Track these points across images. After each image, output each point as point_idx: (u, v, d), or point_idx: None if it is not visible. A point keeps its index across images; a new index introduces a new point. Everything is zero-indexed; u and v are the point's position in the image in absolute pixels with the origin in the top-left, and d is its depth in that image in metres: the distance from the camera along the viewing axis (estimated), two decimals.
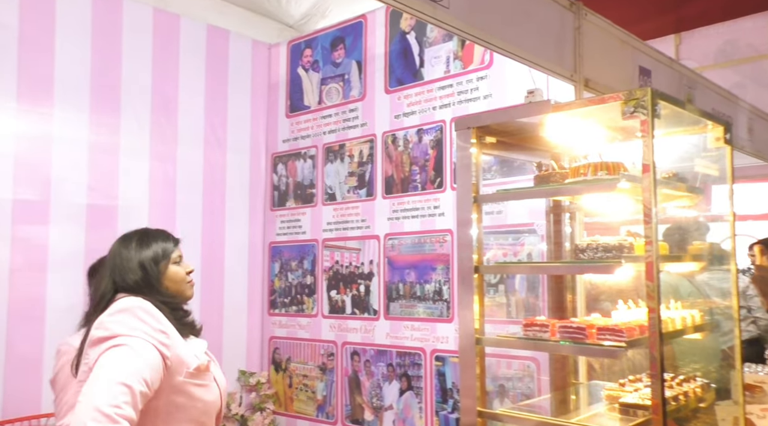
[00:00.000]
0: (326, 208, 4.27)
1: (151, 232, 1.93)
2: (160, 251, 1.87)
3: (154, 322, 1.68)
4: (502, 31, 2.55)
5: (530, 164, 2.68)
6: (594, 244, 2.11)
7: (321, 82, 4.36)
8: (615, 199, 2.30)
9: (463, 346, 2.34)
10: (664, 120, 2.42)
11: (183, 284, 1.90)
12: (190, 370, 1.71)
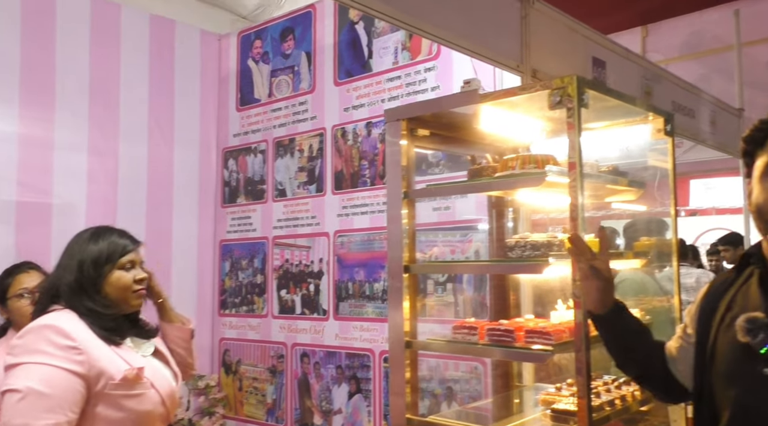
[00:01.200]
0: (277, 205, 4.13)
1: (105, 231, 1.83)
2: (105, 253, 1.77)
3: (63, 340, 1.61)
4: (444, 20, 2.44)
5: (468, 157, 2.57)
6: (522, 241, 2.00)
7: (271, 74, 4.21)
8: (551, 194, 2.19)
9: (392, 350, 2.22)
10: (607, 111, 2.32)
11: (127, 293, 1.79)
12: (115, 382, 1.64)
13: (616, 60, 3.74)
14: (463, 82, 2.46)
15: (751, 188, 1.19)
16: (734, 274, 1.30)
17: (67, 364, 1.59)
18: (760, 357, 1.12)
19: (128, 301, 1.80)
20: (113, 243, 1.80)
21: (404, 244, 2.21)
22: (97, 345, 1.66)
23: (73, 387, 1.59)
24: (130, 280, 1.79)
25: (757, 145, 1.19)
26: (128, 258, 1.80)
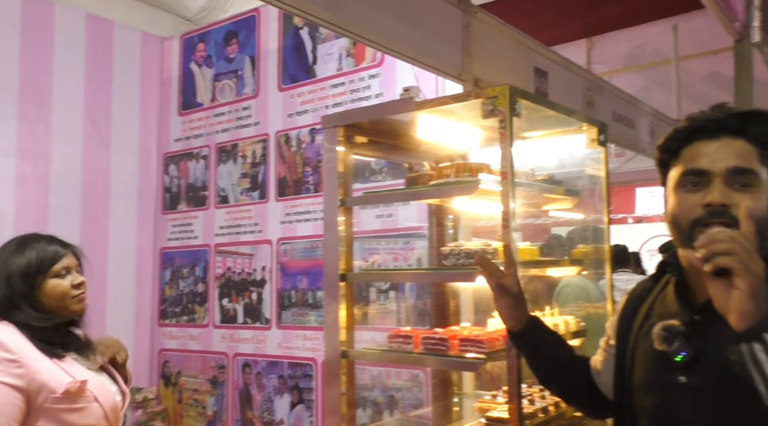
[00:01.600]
0: (219, 212, 4.04)
1: (31, 239, 1.74)
2: (35, 263, 1.68)
3: (2, 352, 1.58)
4: (386, 28, 2.42)
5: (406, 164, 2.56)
6: (456, 249, 2.00)
7: (214, 78, 4.13)
8: (487, 202, 2.20)
9: (328, 360, 2.18)
10: (544, 120, 2.35)
11: (65, 300, 1.71)
12: (56, 395, 1.60)
13: (558, 70, 3.80)
14: (402, 90, 2.45)
15: (666, 198, 1.19)
16: (652, 282, 1.29)
17: (5, 378, 1.55)
18: (675, 365, 1.11)
19: (68, 307, 1.72)
20: (42, 251, 1.71)
21: (341, 252, 2.18)
22: (37, 358, 1.61)
23: (11, 401, 1.56)
24: (68, 287, 1.71)
25: (671, 155, 1.18)
26: (62, 264, 1.72)
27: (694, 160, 1.12)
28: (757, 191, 1.08)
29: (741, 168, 1.08)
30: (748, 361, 0.92)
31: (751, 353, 0.92)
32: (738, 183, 1.08)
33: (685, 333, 1.11)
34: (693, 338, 1.10)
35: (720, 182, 1.08)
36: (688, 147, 1.14)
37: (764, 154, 1.11)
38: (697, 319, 1.11)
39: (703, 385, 1.08)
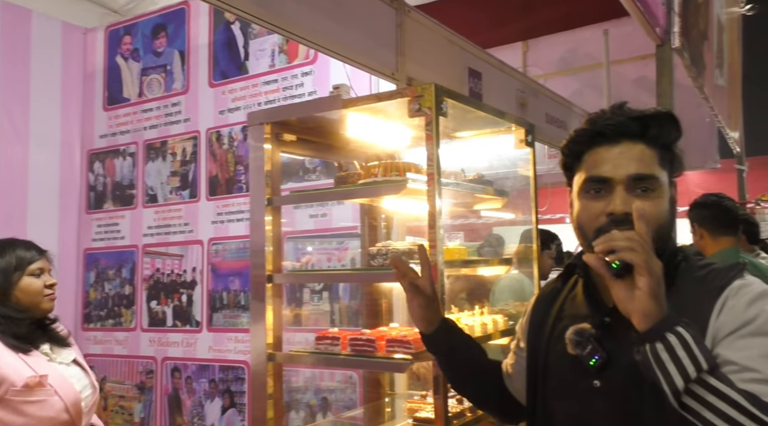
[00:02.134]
0: (147, 211, 3.89)
1: (10, 243, 1.96)
2: (14, 261, 1.89)
3: None
4: (317, 25, 2.37)
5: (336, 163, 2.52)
6: (384, 249, 1.98)
7: (142, 72, 3.97)
8: (415, 201, 2.18)
9: (254, 364, 2.12)
10: (476, 120, 2.36)
11: (38, 297, 1.91)
12: (16, 388, 1.74)
13: (492, 72, 3.84)
14: (332, 88, 2.42)
15: (571, 202, 1.19)
16: (560, 283, 1.28)
17: None
18: (590, 369, 1.10)
19: (39, 305, 1.91)
20: (21, 252, 1.93)
21: (268, 253, 2.13)
22: (1, 352, 1.77)
23: None
24: (41, 286, 1.92)
25: (574, 159, 1.17)
26: (37, 265, 1.93)
27: (596, 167, 1.12)
28: (658, 196, 1.09)
29: (641, 174, 1.09)
30: (652, 361, 0.93)
31: (654, 353, 0.93)
32: (639, 189, 1.09)
33: (597, 336, 1.10)
34: (604, 341, 1.09)
35: (621, 189, 1.08)
36: (590, 152, 1.14)
37: (664, 157, 1.12)
38: (607, 322, 1.11)
39: (617, 389, 1.07)
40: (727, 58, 5.32)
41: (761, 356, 0.95)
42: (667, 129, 1.12)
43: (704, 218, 2.80)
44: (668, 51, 2.73)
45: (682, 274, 1.10)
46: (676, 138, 1.14)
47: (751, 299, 1.00)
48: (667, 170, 1.12)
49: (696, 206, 2.86)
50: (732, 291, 1.02)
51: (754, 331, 0.97)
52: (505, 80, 4.06)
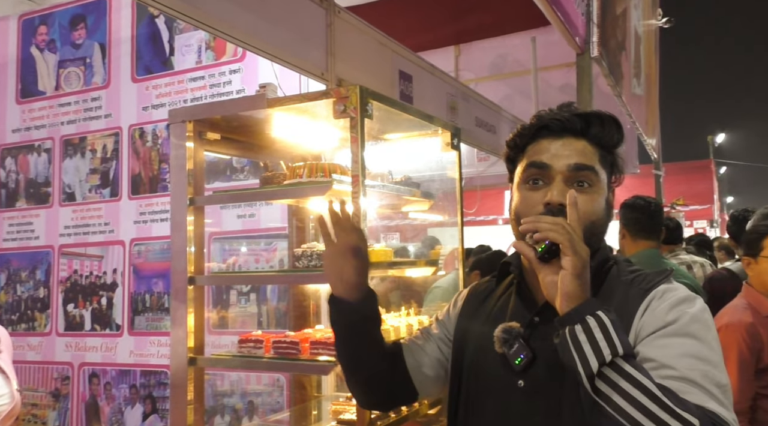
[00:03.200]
0: (64, 210, 3.71)
1: None
2: None
3: None
4: (246, 23, 2.32)
5: (261, 163, 2.48)
6: (309, 251, 1.96)
7: (58, 64, 3.79)
8: None
9: (174, 368, 2.06)
10: (404, 123, 2.37)
11: None
12: None
13: (423, 75, 3.88)
14: (259, 87, 2.38)
15: (512, 195, 1.20)
16: (494, 282, 1.27)
17: None
18: (515, 368, 1.09)
19: None
20: None
21: (189, 254, 2.07)
22: None
23: None
24: None
25: (518, 151, 1.18)
26: None
27: (537, 154, 1.13)
28: (595, 191, 1.11)
29: (582, 164, 1.10)
30: (570, 342, 0.92)
31: (572, 334, 0.92)
32: (577, 182, 1.10)
33: (524, 335, 1.10)
34: (531, 340, 1.09)
35: (560, 180, 1.10)
36: (533, 144, 1.16)
37: (604, 156, 1.14)
38: (536, 322, 1.10)
39: (538, 388, 1.07)
40: (644, 68, 5.59)
41: (679, 355, 0.96)
42: (609, 130, 1.15)
43: (629, 219, 2.90)
44: (588, 60, 2.84)
45: (612, 278, 1.11)
46: (618, 141, 1.16)
47: (674, 303, 1.03)
48: (607, 171, 1.15)
49: (623, 207, 2.96)
50: (657, 293, 1.05)
51: (674, 331, 0.99)
52: (435, 84, 4.11)
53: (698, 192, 10.84)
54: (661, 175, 6.91)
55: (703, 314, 1.03)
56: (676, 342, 0.98)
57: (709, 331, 1.01)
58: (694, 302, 1.04)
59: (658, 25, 6.17)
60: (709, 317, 1.04)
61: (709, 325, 1.02)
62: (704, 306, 1.05)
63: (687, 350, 0.97)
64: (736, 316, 2.22)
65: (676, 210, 5.79)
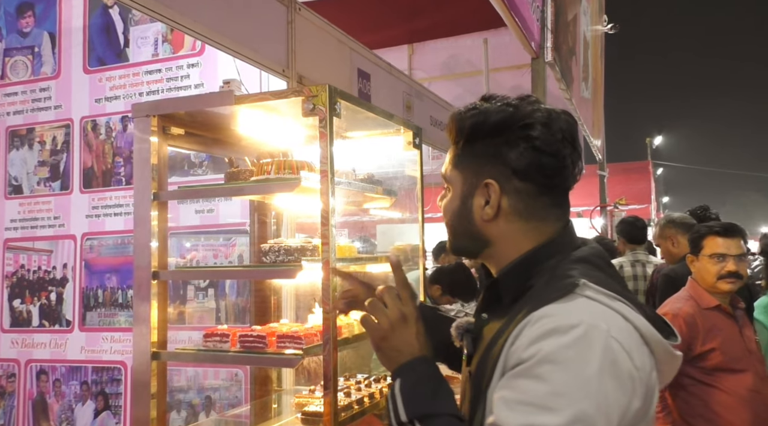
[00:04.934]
0: (10, 203, 3.60)
1: None
2: None
3: None
4: (205, 16, 2.32)
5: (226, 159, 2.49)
6: (276, 246, 1.99)
7: (4, 52, 3.66)
8: (308, 199, 2.21)
9: (137, 363, 2.05)
10: (366, 121, 2.42)
11: None
12: None
13: (380, 74, 3.94)
14: (223, 82, 2.38)
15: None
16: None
17: None
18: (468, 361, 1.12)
19: None
20: None
21: (153, 249, 2.06)
22: None
23: None
24: None
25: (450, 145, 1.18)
26: None
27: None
28: (451, 193, 1.12)
29: (442, 174, 1.15)
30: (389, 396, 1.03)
31: (391, 389, 1.03)
32: (445, 188, 1.15)
33: (471, 329, 1.13)
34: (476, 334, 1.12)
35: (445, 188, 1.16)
36: None
37: (457, 154, 1.10)
38: (484, 317, 1.11)
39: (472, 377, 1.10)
40: (591, 72, 5.82)
41: (513, 402, 0.87)
42: (455, 124, 1.10)
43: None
44: (542, 64, 2.96)
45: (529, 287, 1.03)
46: (461, 131, 1.08)
47: (538, 336, 0.90)
48: (467, 169, 1.08)
49: None
50: (532, 319, 0.93)
51: (520, 372, 0.89)
52: (392, 82, 4.17)
53: (637, 192, 11.32)
54: (605, 175, 7.19)
55: (561, 352, 0.86)
56: (520, 385, 0.88)
57: (561, 370, 0.85)
58: (564, 334, 0.88)
59: (605, 30, 6.42)
60: (573, 352, 0.86)
61: (564, 362, 0.86)
62: (575, 338, 0.87)
63: (522, 397, 0.87)
64: (676, 306, 2.41)
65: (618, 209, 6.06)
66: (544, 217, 1.06)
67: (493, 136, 1.04)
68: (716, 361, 2.31)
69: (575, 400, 0.83)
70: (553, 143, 1.03)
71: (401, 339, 1.04)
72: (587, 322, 0.88)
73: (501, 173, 1.04)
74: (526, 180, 1.04)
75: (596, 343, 0.86)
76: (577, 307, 0.92)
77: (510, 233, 1.06)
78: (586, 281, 0.94)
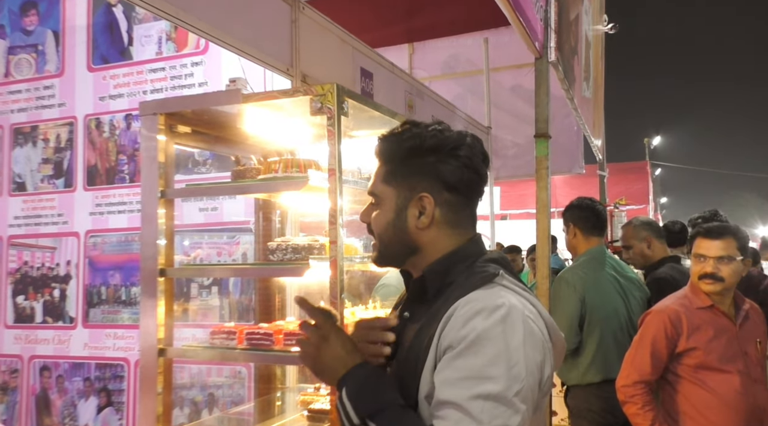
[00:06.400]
0: (14, 200, 3.61)
1: None
2: None
3: None
4: (211, 15, 2.33)
5: (233, 157, 2.50)
6: (284, 244, 2.01)
7: (8, 50, 3.67)
8: (315, 198, 2.23)
9: (143, 360, 2.07)
10: (370, 120, 2.43)
11: None
12: None
13: (382, 73, 3.96)
14: (229, 81, 2.40)
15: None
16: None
17: None
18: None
19: None
20: None
21: (161, 246, 2.08)
22: None
23: None
24: None
25: None
26: None
27: None
28: (381, 208, 1.22)
29: (370, 191, 1.26)
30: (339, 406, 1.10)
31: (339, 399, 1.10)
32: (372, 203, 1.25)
33: (394, 329, 1.21)
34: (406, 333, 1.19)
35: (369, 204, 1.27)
36: None
37: (389, 171, 1.22)
38: (406, 316, 1.22)
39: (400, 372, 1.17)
40: (592, 71, 5.84)
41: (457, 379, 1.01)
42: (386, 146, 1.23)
43: (579, 218, 3.09)
44: (545, 64, 2.97)
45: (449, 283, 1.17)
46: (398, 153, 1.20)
47: (468, 317, 1.05)
48: (401, 185, 1.20)
49: (572, 207, 3.15)
50: (460, 304, 1.09)
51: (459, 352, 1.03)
52: (394, 81, 4.19)
53: (635, 192, 11.35)
54: (605, 175, 7.21)
55: (490, 330, 1.03)
56: (459, 364, 1.03)
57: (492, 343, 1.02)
58: (492, 313, 1.05)
59: (605, 30, 6.44)
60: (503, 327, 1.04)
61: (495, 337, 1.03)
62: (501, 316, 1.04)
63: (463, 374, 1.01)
64: (665, 304, 2.50)
65: (618, 209, 6.09)
66: (465, 226, 1.23)
67: (427, 156, 1.19)
68: (699, 360, 2.36)
69: (508, 366, 1.01)
70: (476, 162, 1.21)
71: (330, 356, 1.14)
72: (508, 304, 1.06)
73: (433, 187, 1.19)
74: (454, 192, 1.20)
75: (517, 319, 1.05)
76: (497, 292, 1.10)
77: (438, 239, 1.20)
78: (503, 273, 1.15)
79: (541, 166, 3.08)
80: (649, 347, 2.40)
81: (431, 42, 7.43)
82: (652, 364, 2.40)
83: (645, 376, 2.40)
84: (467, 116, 5.52)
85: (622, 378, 2.46)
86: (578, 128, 6.15)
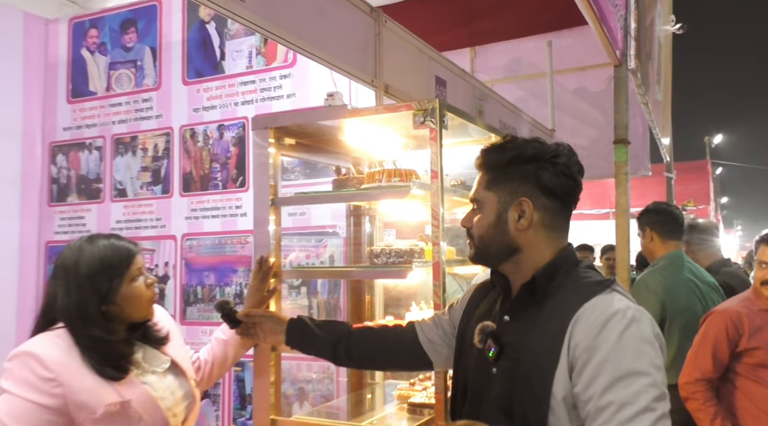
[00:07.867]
0: (116, 205, 3.89)
1: (96, 239, 1.71)
2: (113, 265, 1.65)
3: (42, 370, 1.53)
4: (303, 30, 2.49)
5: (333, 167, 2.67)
6: (387, 249, 2.15)
7: (109, 66, 3.95)
8: (409, 204, 2.37)
9: (258, 353, 2.25)
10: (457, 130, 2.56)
11: (144, 304, 1.72)
12: (95, 416, 1.53)
13: (455, 80, 4.07)
14: (327, 95, 2.55)
15: None
16: (491, 285, 1.49)
17: (42, 398, 1.51)
18: (489, 360, 1.31)
19: (144, 311, 1.73)
20: (115, 251, 1.69)
21: (272, 249, 2.25)
22: (81, 375, 1.56)
23: (43, 422, 1.51)
24: (146, 290, 1.73)
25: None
26: (137, 265, 1.73)
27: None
28: (482, 213, 1.37)
29: (473, 198, 1.40)
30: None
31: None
32: (474, 208, 1.40)
33: (495, 332, 1.31)
34: (505, 336, 1.30)
35: (471, 208, 1.42)
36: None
37: (491, 179, 1.37)
38: (506, 320, 1.33)
39: (503, 374, 1.28)
40: (663, 74, 5.80)
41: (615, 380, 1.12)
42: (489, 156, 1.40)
43: (656, 222, 3.15)
44: (625, 71, 3.03)
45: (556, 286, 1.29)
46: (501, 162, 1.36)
47: (603, 321, 1.17)
48: (502, 190, 1.35)
49: (648, 212, 3.21)
50: (587, 308, 1.20)
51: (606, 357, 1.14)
52: (464, 87, 4.30)
53: (695, 192, 11.11)
54: (673, 177, 7.11)
55: (629, 330, 1.15)
56: (608, 367, 1.13)
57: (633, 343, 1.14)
58: (623, 316, 1.16)
59: (672, 31, 6.37)
60: (638, 328, 1.16)
61: (632, 337, 1.14)
62: (633, 318, 1.16)
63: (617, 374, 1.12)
64: (727, 304, 2.65)
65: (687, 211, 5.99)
66: (561, 230, 1.35)
67: (528, 164, 1.32)
68: (760, 359, 2.48)
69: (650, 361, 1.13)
70: (573, 170, 1.33)
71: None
72: (633, 308, 1.18)
73: (532, 192, 1.31)
74: (551, 197, 1.32)
75: (645, 321, 1.17)
76: (617, 298, 1.21)
77: (536, 241, 1.32)
78: (617, 280, 1.28)
79: (620, 172, 3.13)
80: (710, 347, 2.53)
81: (493, 45, 7.45)
82: (713, 363, 2.54)
83: (707, 373, 2.54)
84: (532, 119, 5.56)
85: (684, 375, 2.58)
86: (644, 130, 6.11)
